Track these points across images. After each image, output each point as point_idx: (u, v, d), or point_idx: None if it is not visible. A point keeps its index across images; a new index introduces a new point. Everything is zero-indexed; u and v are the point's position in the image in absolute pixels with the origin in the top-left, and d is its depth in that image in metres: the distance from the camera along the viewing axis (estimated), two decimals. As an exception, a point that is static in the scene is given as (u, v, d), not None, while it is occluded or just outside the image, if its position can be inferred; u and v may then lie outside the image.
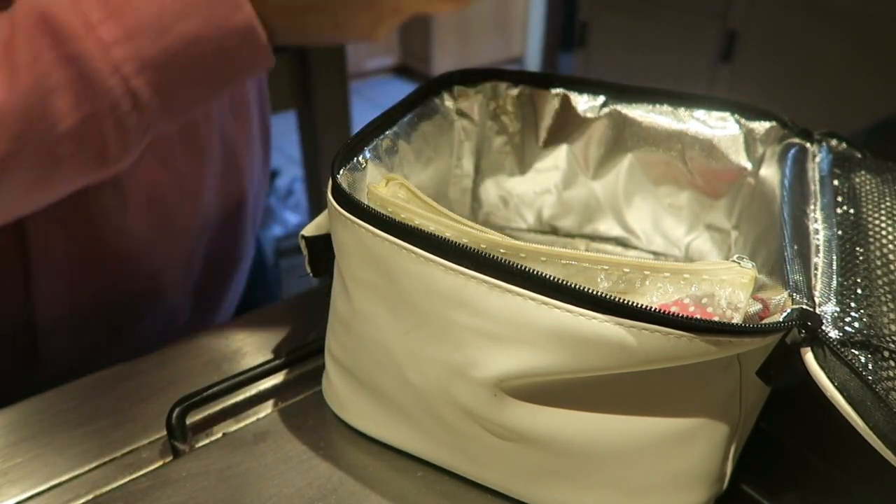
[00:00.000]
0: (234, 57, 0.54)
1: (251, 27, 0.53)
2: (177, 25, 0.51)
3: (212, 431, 0.59)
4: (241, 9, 0.52)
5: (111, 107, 0.52)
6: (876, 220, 0.53)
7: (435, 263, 0.46)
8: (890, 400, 0.42)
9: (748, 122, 0.64)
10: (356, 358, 0.54)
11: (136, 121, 0.53)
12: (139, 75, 0.51)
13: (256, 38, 0.53)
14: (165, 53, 0.51)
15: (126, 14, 0.50)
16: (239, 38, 0.53)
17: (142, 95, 0.52)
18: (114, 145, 0.54)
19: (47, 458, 0.57)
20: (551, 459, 0.49)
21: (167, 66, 0.52)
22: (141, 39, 0.51)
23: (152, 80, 0.52)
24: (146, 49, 0.51)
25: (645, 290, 0.46)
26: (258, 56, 0.55)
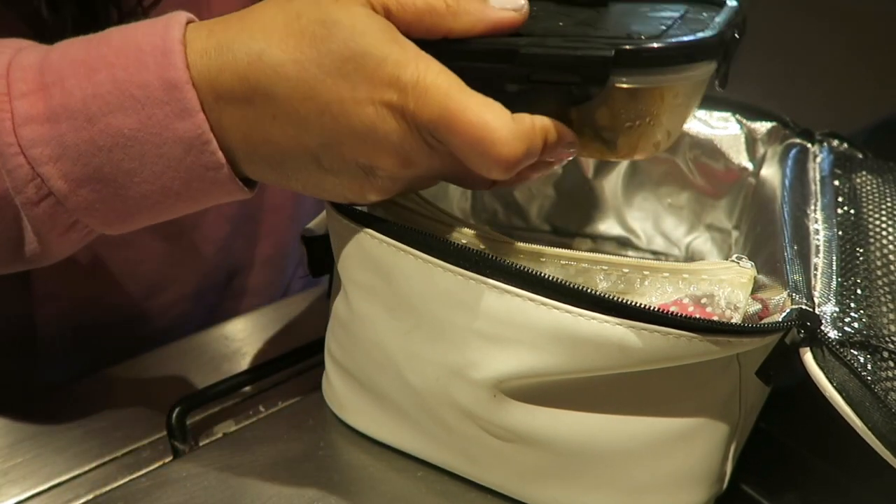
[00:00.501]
0: (180, 172, 0.45)
1: (201, 141, 0.44)
2: (107, 117, 0.44)
3: (212, 431, 0.59)
4: (188, 116, 0.44)
5: (16, 190, 0.45)
6: (876, 221, 0.53)
7: (433, 265, 0.46)
8: (889, 400, 0.42)
9: (749, 122, 0.64)
10: (356, 359, 0.54)
11: (51, 215, 0.46)
12: (52, 163, 0.44)
13: (209, 157, 0.45)
14: (89, 146, 0.44)
15: (55, 93, 0.44)
16: (182, 150, 0.44)
17: (55, 187, 0.45)
18: (28, 234, 0.47)
19: (47, 458, 0.57)
20: (551, 460, 0.49)
21: (89, 163, 0.44)
22: (63, 124, 0.44)
23: (69, 173, 0.44)
24: (66, 136, 0.44)
25: (644, 290, 0.46)
26: (216, 179, 0.46)
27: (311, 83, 0.42)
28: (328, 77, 0.42)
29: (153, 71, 0.43)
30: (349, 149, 0.44)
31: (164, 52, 0.43)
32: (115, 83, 0.43)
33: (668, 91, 0.45)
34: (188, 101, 0.43)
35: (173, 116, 0.44)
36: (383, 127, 0.43)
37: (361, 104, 0.42)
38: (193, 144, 0.44)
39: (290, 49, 0.42)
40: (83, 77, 0.44)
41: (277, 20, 0.43)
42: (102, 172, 0.45)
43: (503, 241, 0.47)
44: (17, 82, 0.44)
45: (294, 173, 0.46)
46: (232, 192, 0.47)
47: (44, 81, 0.44)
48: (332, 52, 0.42)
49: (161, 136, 0.44)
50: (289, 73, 0.42)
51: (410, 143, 0.43)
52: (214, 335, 0.68)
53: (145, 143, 0.44)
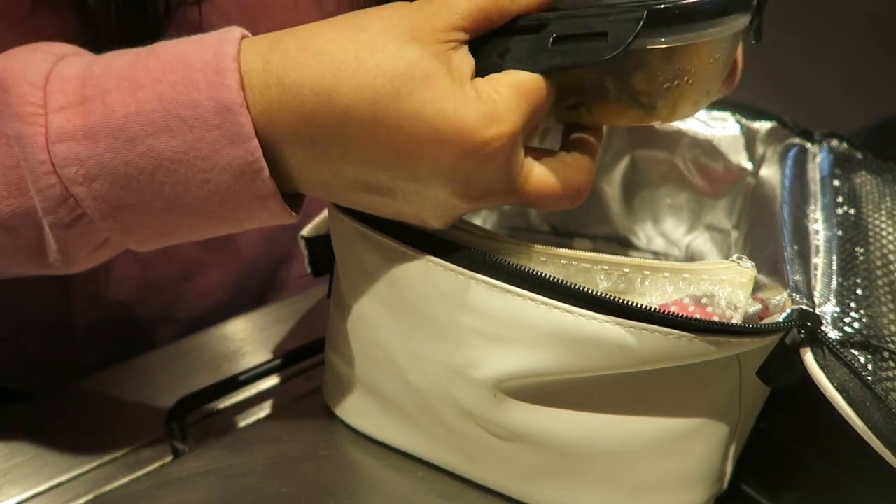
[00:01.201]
0: (227, 199, 0.43)
1: (252, 169, 0.41)
2: (151, 138, 0.40)
3: (212, 431, 0.59)
4: (241, 142, 0.41)
5: (45, 210, 0.42)
6: (876, 221, 0.54)
7: (434, 264, 0.46)
8: (889, 400, 0.42)
9: (749, 122, 0.64)
10: (356, 358, 0.54)
11: (82, 234, 0.43)
12: (85, 184, 0.41)
13: (260, 186, 0.42)
14: (128, 168, 0.41)
15: (95, 108, 0.41)
16: (231, 178, 0.41)
17: (88, 208, 0.42)
18: (54, 250, 0.44)
19: (47, 458, 0.57)
20: (551, 460, 0.49)
21: (128, 185, 0.41)
22: (101, 143, 0.41)
23: (104, 196, 0.42)
24: (104, 155, 0.41)
25: (644, 290, 0.46)
26: (265, 207, 0.43)
27: (387, 126, 0.40)
28: (405, 120, 0.40)
29: (204, 91, 0.40)
30: (428, 186, 0.42)
31: (217, 70, 0.40)
32: (162, 101, 0.40)
33: (703, 47, 0.45)
34: (241, 126, 0.40)
35: (224, 141, 0.40)
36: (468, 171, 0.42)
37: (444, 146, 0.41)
38: (245, 172, 0.41)
39: (364, 88, 0.39)
40: (127, 93, 0.41)
41: (348, 54, 0.40)
42: (142, 196, 0.42)
43: (504, 240, 0.47)
44: (56, 94, 0.41)
45: (358, 201, 0.45)
46: (279, 217, 0.45)
47: (84, 95, 0.41)
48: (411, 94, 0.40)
49: (209, 161, 0.41)
50: (362, 114, 0.40)
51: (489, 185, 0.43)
52: (214, 335, 0.68)
53: (191, 167, 0.41)
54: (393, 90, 0.39)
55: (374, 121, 0.40)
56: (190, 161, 0.41)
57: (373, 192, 0.43)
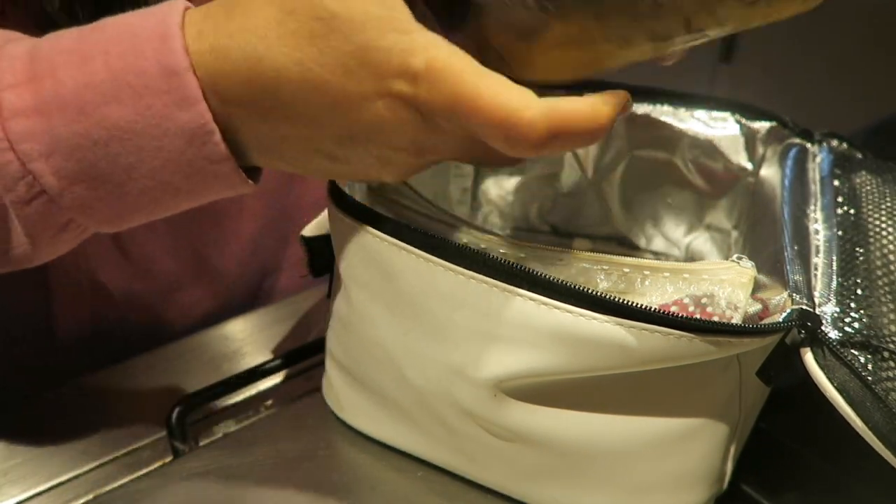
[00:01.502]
0: (181, 165, 0.43)
1: (204, 132, 0.42)
2: (102, 108, 0.41)
3: (212, 431, 0.59)
4: (190, 105, 0.41)
5: (4, 188, 0.42)
6: (876, 221, 0.53)
7: (434, 264, 0.46)
8: (889, 401, 0.42)
9: (748, 122, 0.64)
10: (356, 358, 0.54)
11: (43, 214, 0.43)
12: (43, 159, 0.41)
13: (212, 149, 0.42)
14: (82, 140, 0.41)
15: (46, 83, 0.41)
16: (184, 142, 0.42)
17: (48, 185, 0.42)
18: (16, 235, 0.44)
19: (47, 458, 0.57)
20: (551, 460, 0.49)
21: (84, 158, 0.42)
22: (54, 117, 0.41)
23: (62, 169, 0.42)
24: (58, 129, 0.41)
25: (644, 289, 0.46)
26: (219, 172, 0.44)
27: (315, 83, 0.40)
28: (332, 75, 0.40)
29: (151, 57, 0.41)
30: (363, 143, 0.43)
31: (163, 37, 0.41)
32: (110, 72, 0.41)
33: None
34: (189, 89, 0.41)
35: (173, 106, 0.41)
36: (395, 119, 0.41)
37: (370, 99, 0.40)
38: (196, 135, 0.42)
39: (290, 49, 0.40)
40: (76, 66, 0.41)
41: (270, 18, 0.40)
42: (98, 168, 0.42)
43: (504, 240, 0.47)
44: (4, 73, 0.41)
45: (308, 164, 0.45)
46: (235, 186, 0.45)
47: (34, 72, 0.41)
48: (333, 49, 0.40)
49: (160, 128, 0.41)
50: (291, 75, 0.40)
51: (426, 133, 0.42)
52: (214, 335, 0.68)
53: (143, 135, 0.41)
54: (315, 50, 0.40)
55: (303, 80, 0.40)
56: (142, 129, 0.41)
57: (323, 156, 0.44)
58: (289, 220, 0.76)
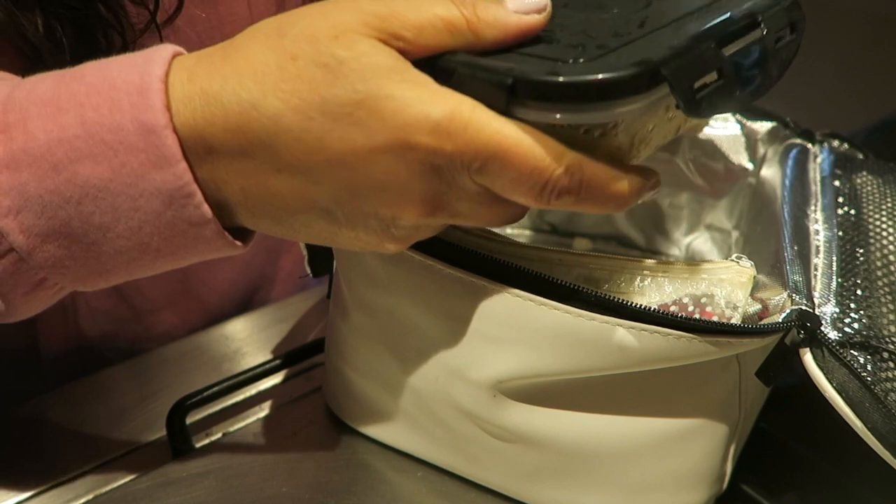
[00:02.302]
0: (159, 227, 0.40)
1: (182, 194, 0.39)
2: (75, 165, 0.38)
3: (212, 431, 0.59)
4: (167, 166, 0.38)
5: None
6: (877, 222, 0.53)
7: (434, 265, 0.46)
8: (888, 401, 0.42)
9: (749, 123, 0.64)
10: (356, 359, 0.54)
11: (13, 273, 0.41)
12: (11, 216, 0.39)
13: (192, 212, 0.39)
14: (54, 197, 0.39)
15: (16, 135, 0.39)
16: (161, 204, 0.39)
17: (16, 243, 0.40)
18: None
19: (47, 458, 0.57)
20: (551, 460, 0.49)
21: (55, 216, 0.39)
22: (24, 172, 0.38)
23: (31, 228, 0.39)
24: (28, 185, 0.38)
25: (644, 289, 0.46)
26: (202, 236, 0.41)
27: (317, 133, 0.37)
28: (337, 126, 0.37)
29: (127, 112, 0.38)
30: (367, 201, 0.39)
31: (141, 91, 0.38)
32: (84, 126, 0.38)
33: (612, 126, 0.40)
34: (167, 149, 0.38)
35: (149, 165, 0.38)
36: (406, 174, 0.38)
37: (378, 152, 0.37)
38: (174, 197, 0.39)
39: (289, 96, 0.37)
40: (49, 118, 0.39)
41: (270, 63, 0.38)
42: (70, 227, 0.40)
43: (503, 241, 0.47)
44: None
45: (302, 227, 0.41)
46: (220, 249, 0.42)
47: (6, 122, 0.39)
48: (339, 98, 0.37)
49: (136, 188, 0.39)
50: (290, 123, 0.37)
51: (440, 191, 0.39)
52: (214, 335, 0.68)
53: (118, 194, 0.39)
54: (318, 98, 0.37)
55: (303, 129, 0.38)
56: (117, 188, 0.39)
57: (319, 215, 0.41)
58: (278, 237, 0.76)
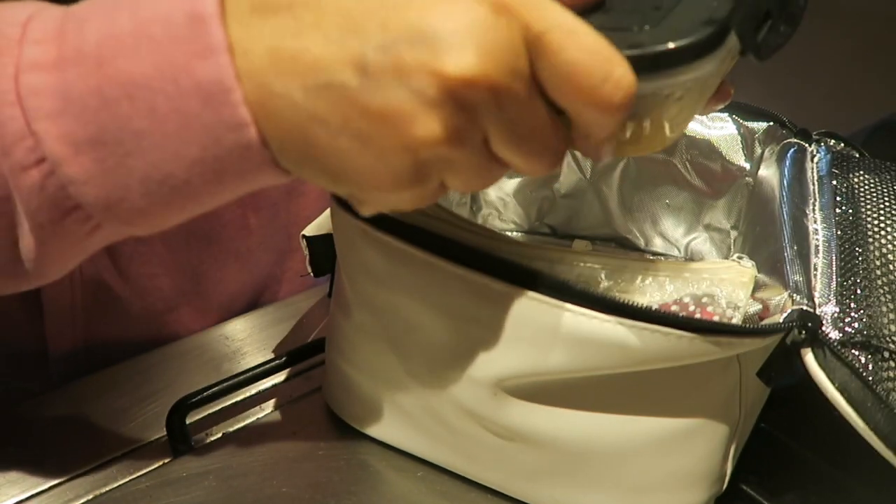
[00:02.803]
0: (195, 132, 0.37)
1: (221, 89, 0.36)
2: (118, 60, 0.37)
3: (212, 431, 0.59)
4: (211, 55, 0.36)
5: (4, 151, 0.38)
6: (874, 220, 0.54)
7: (436, 263, 0.46)
8: (890, 401, 0.42)
9: (746, 123, 0.65)
10: (357, 358, 0.54)
11: (42, 188, 0.38)
12: (50, 119, 0.37)
13: (230, 112, 0.37)
14: (94, 98, 0.37)
15: (70, 37, 0.37)
16: (199, 103, 0.37)
17: (51, 150, 0.38)
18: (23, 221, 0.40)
19: (47, 458, 0.57)
20: (551, 459, 0.49)
21: (93, 119, 0.37)
22: (70, 70, 0.37)
23: (69, 134, 0.37)
24: (71, 84, 0.37)
25: (645, 288, 0.46)
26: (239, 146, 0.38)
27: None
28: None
29: (178, 4, 0.36)
30: (409, 50, 0.35)
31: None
32: (136, 21, 0.37)
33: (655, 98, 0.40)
34: (213, 37, 0.36)
35: (194, 55, 0.36)
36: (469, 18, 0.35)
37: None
38: (213, 93, 0.36)
39: None
40: (104, 18, 0.37)
41: None
42: (107, 133, 0.37)
43: (505, 240, 0.47)
44: (35, 30, 0.38)
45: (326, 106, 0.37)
46: (258, 166, 0.39)
47: (63, 28, 0.38)
48: None
49: (177, 84, 0.37)
50: None
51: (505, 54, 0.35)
52: (214, 335, 0.68)
53: (158, 92, 0.37)
54: None
55: None
56: (157, 85, 0.37)
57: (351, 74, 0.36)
58: (287, 236, 0.76)
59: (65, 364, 0.68)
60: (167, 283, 0.69)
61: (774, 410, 0.56)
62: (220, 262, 0.71)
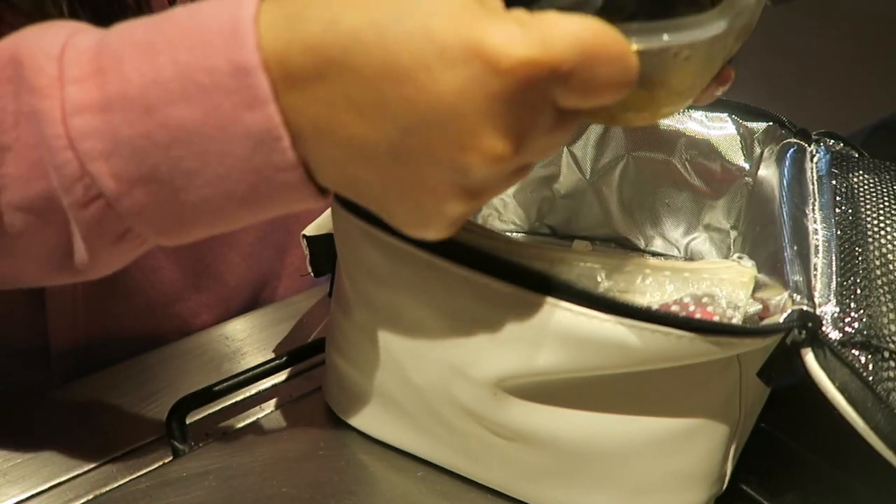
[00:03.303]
0: (246, 173, 0.39)
1: (272, 137, 0.38)
2: (168, 108, 0.38)
3: (212, 431, 0.59)
4: (259, 106, 0.38)
5: (63, 188, 0.40)
6: (874, 220, 0.54)
7: (437, 262, 0.46)
8: (891, 401, 0.42)
9: (746, 123, 0.65)
10: (357, 357, 0.54)
11: (100, 220, 0.41)
12: (103, 160, 0.39)
13: (279, 156, 0.39)
14: (145, 141, 0.38)
15: (111, 78, 0.38)
16: (250, 148, 0.38)
17: (106, 188, 0.39)
18: (78, 244, 0.42)
19: (47, 458, 0.57)
20: (551, 459, 0.49)
21: (145, 160, 0.39)
22: (117, 115, 0.38)
23: (121, 173, 0.39)
24: (120, 128, 0.38)
25: (645, 288, 0.46)
26: (287, 183, 0.40)
27: (389, 46, 0.36)
28: (409, 37, 0.35)
29: (221, 53, 0.37)
30: (438, 133, 0.37)
31: (234, 31, 0.37)
32: (178, 67, 0.38)
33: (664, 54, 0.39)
34: (259, 89, 0.37)
35: (242, 106, 0.38)
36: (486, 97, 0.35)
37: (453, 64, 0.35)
38: (263, 140, 0.38)
39: (370, 10, 0.36)
40: (143, 60, 0.38)
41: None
42: (159, 172, 0.39)
43: (505, 240, 0.47)
44: (71, 66, 0.39)
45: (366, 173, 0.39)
46: (303, 198, 0.41)
47: (100, 66, 0.39)
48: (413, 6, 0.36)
49: (227, 131, 0.38)
50: (367, 38, 0.36)
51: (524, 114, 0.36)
52: (214, 335, 0.68)
53: (209, 139, 0.38)
54: (397, 11, 0.36)
55: (378, 44, 0.36)
56: (208, 132, 0.38)
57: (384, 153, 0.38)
58: (287, 231, 0.76)
59: (67, 359, 0.68)
60: (169, 277, 0.69)
61: (774, 410, 0.56)
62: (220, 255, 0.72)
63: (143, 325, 0.70)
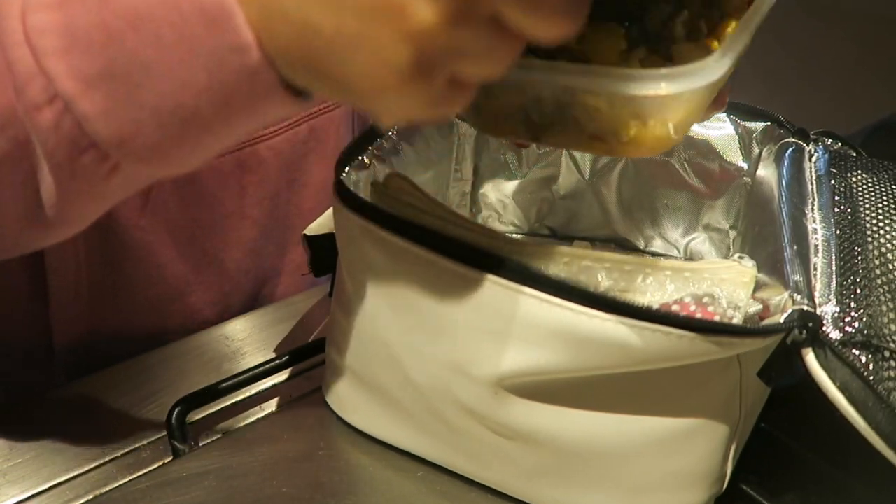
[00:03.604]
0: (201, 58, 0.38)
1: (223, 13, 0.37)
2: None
3: (212, 431, 0.59)
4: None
5: (18, 90, 0.38)
6: (873, 220, 0.54)
7: (438, 261, 0.46)
8: (891, 400, 0.42)
9: (744, 122, 0.65)
10: (358, 357, 0.54)
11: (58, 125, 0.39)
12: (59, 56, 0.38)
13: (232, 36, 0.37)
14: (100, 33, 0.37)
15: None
16: (204, 28, 0.37)
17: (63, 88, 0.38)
18: (43, 166, 0.41)
19: (47, 458, 0.57)
20: (551, 458, 0.49)
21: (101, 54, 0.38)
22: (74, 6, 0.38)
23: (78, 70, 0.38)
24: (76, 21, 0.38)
25: (646, 288, 0.46)
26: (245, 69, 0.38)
27: None
28: None
29: None
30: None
31: None
32: None
33: None
34: None
35: None
36: None
37: None
38: (215, 18, 0.36)
39: None
40: None
41: None
42: (115, 66, 0.38)
43: (506, 239, 0.47)
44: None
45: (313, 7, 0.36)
46: (269, 92, 0.39)
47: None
48: None
49: (180, 11, 0.37)
50: None
51: None
52: (214, 335, 0.68)
53: (162, 22, 0.37)
54: None
55: None
56: (160, 14, 0.37)
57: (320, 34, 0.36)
58: (288, 227, 0.76)
59: (70, 356, 0.68)
60: (171, 273, 0.69)
61: (774, 410, 0.56)
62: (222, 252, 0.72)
63: (146, 321, 0.70)
